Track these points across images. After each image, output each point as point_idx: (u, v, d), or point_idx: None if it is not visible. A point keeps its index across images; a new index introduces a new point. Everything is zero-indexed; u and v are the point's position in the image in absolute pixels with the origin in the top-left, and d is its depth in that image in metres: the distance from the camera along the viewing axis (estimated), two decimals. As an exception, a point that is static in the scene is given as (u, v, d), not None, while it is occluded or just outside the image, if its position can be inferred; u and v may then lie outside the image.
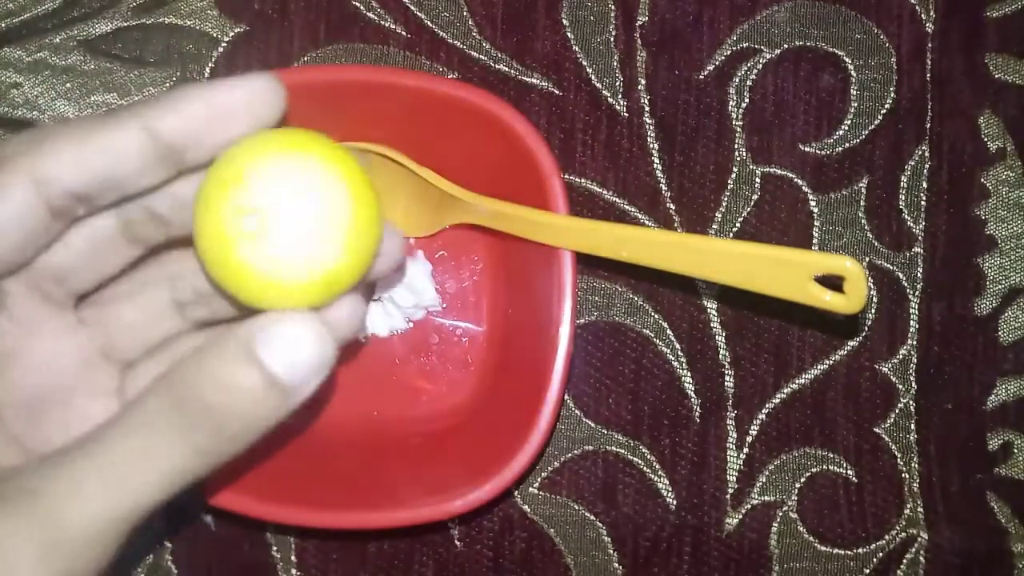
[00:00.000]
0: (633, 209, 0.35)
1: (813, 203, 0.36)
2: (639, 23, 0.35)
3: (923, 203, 0.36)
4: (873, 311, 0.36)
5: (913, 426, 0.36)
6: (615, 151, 0.35)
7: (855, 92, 0.36)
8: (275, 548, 0.35)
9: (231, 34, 0.35)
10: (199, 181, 0.20)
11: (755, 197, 0.35)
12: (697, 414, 0.35)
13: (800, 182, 0.36)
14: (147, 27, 0.34)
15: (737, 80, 0.36)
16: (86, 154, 0.20)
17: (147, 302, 0.23)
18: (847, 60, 0.36)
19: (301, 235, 0.20)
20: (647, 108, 0.35)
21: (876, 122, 0.36)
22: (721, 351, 0.35)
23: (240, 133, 0.20)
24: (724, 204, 0.35)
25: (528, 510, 0.35)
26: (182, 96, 0.20)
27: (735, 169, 0.35)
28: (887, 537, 0.35)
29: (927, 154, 0.36)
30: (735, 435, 0.35)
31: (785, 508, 0.35)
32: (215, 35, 0.35)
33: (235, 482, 0.29)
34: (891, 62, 0.36)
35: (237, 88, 0.20)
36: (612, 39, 0.35)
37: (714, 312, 0.35)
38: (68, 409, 0.21)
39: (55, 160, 0.20)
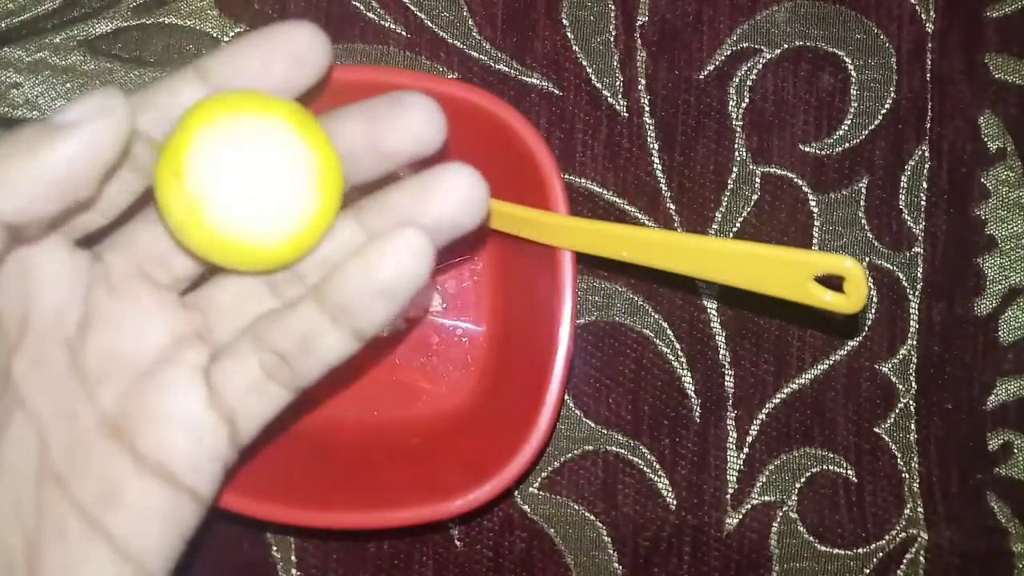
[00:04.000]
0: (633, 209, 0.35)
1: (813, 203, 0.36)
2: (639, 23, 0.35)
3: (923, 203, 0.36)
4: (873, 311, 0.36)
5: (913, 426, 0.36)
6: (615, 151, 0.35)
7: (855, 92, 0.36)
8: (275, 548, 0.34)
9: (231, 34, 0.34)
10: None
11: (755, 197, 0.35)
12: (697, 414, 0.35)
13: (800, 182, 0.36)
14: (147, 27, 0.34)
15: (737, 80, 0.36)
16: (155, 96, 0.21)
17: (242, 284, 0.24)
18: (847, 60, 0.36)
19: (263, 195, 0.20)
20: (647, 108, 0.35)
21: (876, 122, 0.36)
22: (721, 351, 0.35)
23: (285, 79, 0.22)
24: (724, 204, 0.35)
25: (528, 510, 0.35)
26: (237, 46, 0.22)
27: (735, 169, 0.35)
28: (887, 537, 0.35)
29: (927, 154, 0.36)
30: (735, 435, 0.35)
31: (785, 508, 0.35)
32: (215, 35, 0.34)
33: (235, 482, 0.29)
34: (891, 62, 0.36)
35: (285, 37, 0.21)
36: (612, 39, 0.35)
37: (714, 312, 0.35)
38: (151, 381, 0.22)
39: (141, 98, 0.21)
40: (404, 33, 0.35)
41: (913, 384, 0.36)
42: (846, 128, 0.36)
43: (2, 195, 0.19)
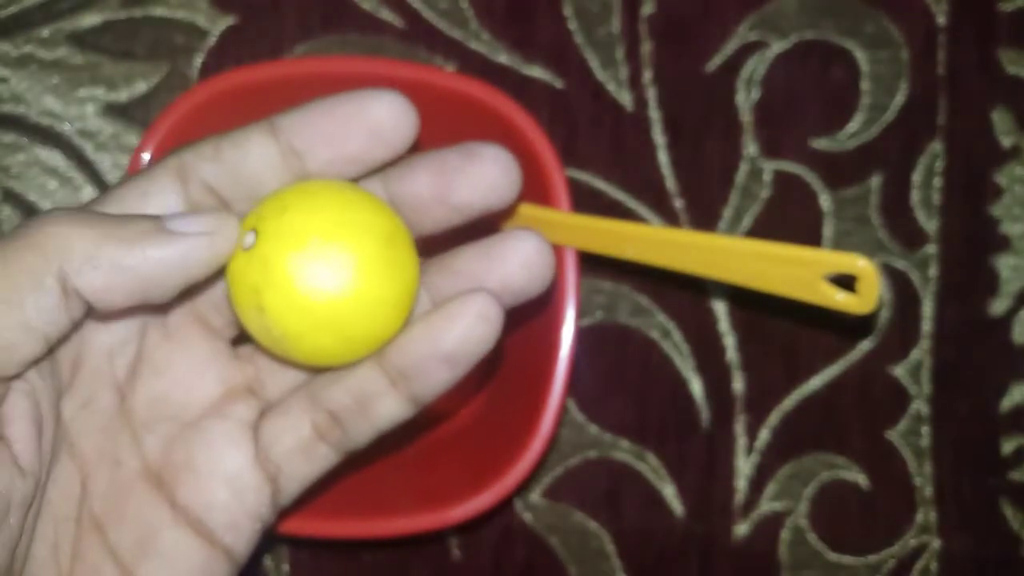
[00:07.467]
0: (638, 206, 0.35)
1: (824, 200, 0.35)
2: (645, 13, 0.35)
3: (936, 201, 0.36)
4: (886, 312, 0.35)
5: (925, 430, 0.35)
6: (619, 146, 0.35)
7: (866, 86, 0.35)
8: (267, 556, 0.34)
9: (222, 26, 0.34)
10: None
11: (764, 193, 0.35)
12: (705, 419, 0.35)
13: (811, 179, 0.35)
14: (136, 19, 0.34)
15: (746, 73, 0.35)
16: (224, 149, 0.21)
17: None
18: (858, 53, 0.35)
19: (338, 313, 0.20)
20: (653, 101, 0.35)
21: (888, 117, 0.35)
22: (729, 353, 0.35)
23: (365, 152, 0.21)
24: (732, 201, 0.35)
25: (529, 519, 0.35)
26: (314, 107, 0.21)
27: (744, 165, 0.35)
28: (899, 544, 0.35)
29: (940, 150, 0.36)
30: (744, 441, 0.35)
31: (795, 515, 0.35)
32: (205, 27, 0.34)
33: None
34: (903, 55, 0.35)
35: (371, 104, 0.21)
36: (617, 30, 0.35)
37: (723, 313, 0.35)
38: (198, 433, 0.22)
39: (195, 154, 0.21)
40: (400, 23, 0.34)
41: (926, 387, 0.35)
42: (858, 123, 0.35)
43: (87, 269, 0.19)
